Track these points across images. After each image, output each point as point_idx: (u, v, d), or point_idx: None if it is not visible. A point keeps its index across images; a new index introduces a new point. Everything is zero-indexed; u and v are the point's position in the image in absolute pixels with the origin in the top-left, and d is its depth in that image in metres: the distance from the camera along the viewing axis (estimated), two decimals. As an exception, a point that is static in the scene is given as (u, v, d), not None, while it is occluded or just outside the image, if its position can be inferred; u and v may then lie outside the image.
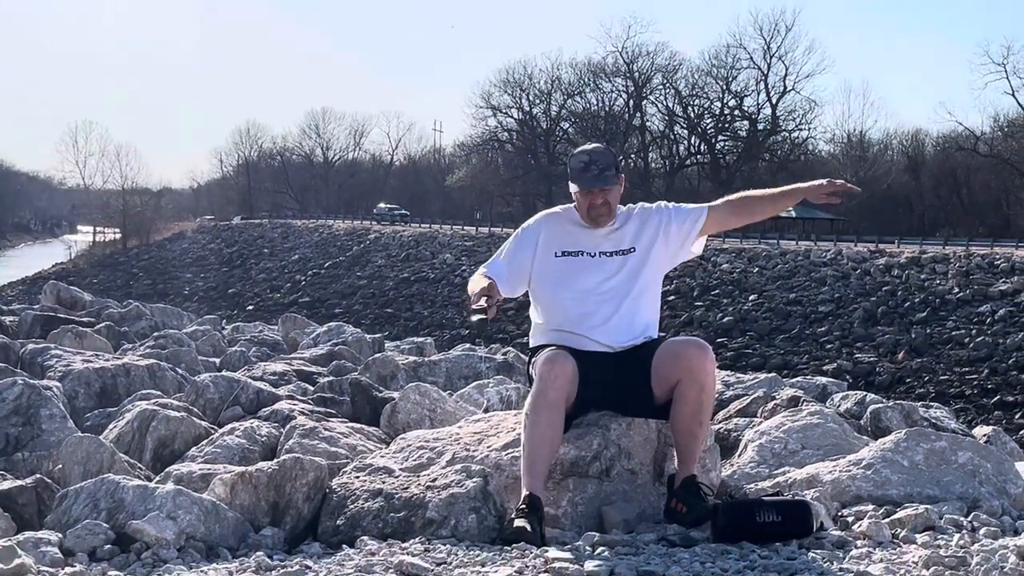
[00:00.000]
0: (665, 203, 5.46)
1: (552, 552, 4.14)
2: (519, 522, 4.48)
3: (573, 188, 5.24)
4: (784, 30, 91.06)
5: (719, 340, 40.78)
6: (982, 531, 4.63)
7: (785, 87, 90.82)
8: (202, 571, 3.96)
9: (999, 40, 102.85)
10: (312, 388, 9.25)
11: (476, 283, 5.04)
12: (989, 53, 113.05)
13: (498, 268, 5.26)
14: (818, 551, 4.35)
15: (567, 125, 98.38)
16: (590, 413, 5.15)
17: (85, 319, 14.82)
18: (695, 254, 5.53)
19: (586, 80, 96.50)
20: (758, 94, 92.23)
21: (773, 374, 10.08)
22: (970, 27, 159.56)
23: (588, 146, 5.32)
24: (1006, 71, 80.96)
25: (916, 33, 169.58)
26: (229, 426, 6.89)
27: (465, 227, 75.49)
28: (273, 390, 8.69)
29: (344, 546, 4.49)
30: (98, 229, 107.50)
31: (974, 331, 38.27)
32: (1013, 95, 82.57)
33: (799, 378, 11.02)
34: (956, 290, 42.56)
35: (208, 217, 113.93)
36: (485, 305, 4.74)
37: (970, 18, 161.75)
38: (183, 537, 4.37)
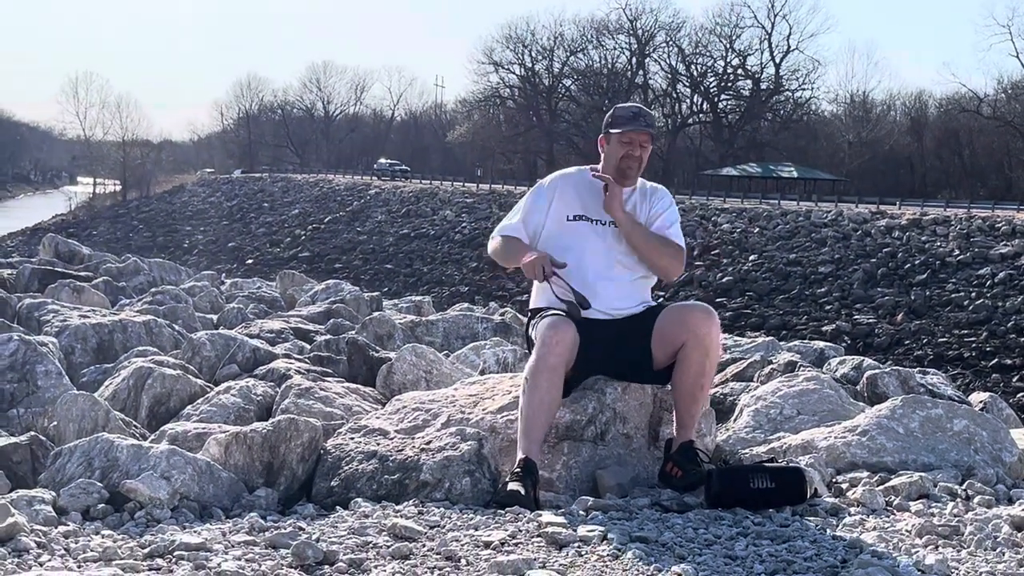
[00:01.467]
0: (668, 202, 5.37)
1: (546, 516, 4.14)
2: (513, 486, 4.48)
3: (611, 135, 5.23)
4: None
5: (718, 300, 40.78)
6: (976, 500, 4.63)
7: (789, 46, 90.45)
8: (195, 531, 3.95)
9: (1004, 2, 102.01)
10: (309, 346, 9.26)
11: (509, 248, 5.20)
12: (994, 15, 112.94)
13: (516, 229, 5.30)
14: (811, 518, 4.35)
15: (569, 82, 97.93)
16: (588, 378, 5.15)
17: (83, 273, 14.81)
18: None
19: (589, 37, 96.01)
20: (761, 53, 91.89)
21: (770, 338, 10.10)
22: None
23: (634, 102, 5.35)
24: (1011, 33, 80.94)
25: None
26: (225, 385, 6.90)
27: (466, 184, 75.31)
28: (270, 348, 8.70)
29: (338, 507, 4.49)
30: (98, 181, 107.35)
31: (974, 294, 38.26)
32: (1017, 57, 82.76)
33: (797, 341, 11.03)
34: (956, 252, 42.51)
35: (208, 170, 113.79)
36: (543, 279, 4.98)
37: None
38: (177, 497, 4.36)
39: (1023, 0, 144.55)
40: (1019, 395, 27.88)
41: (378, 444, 4.89)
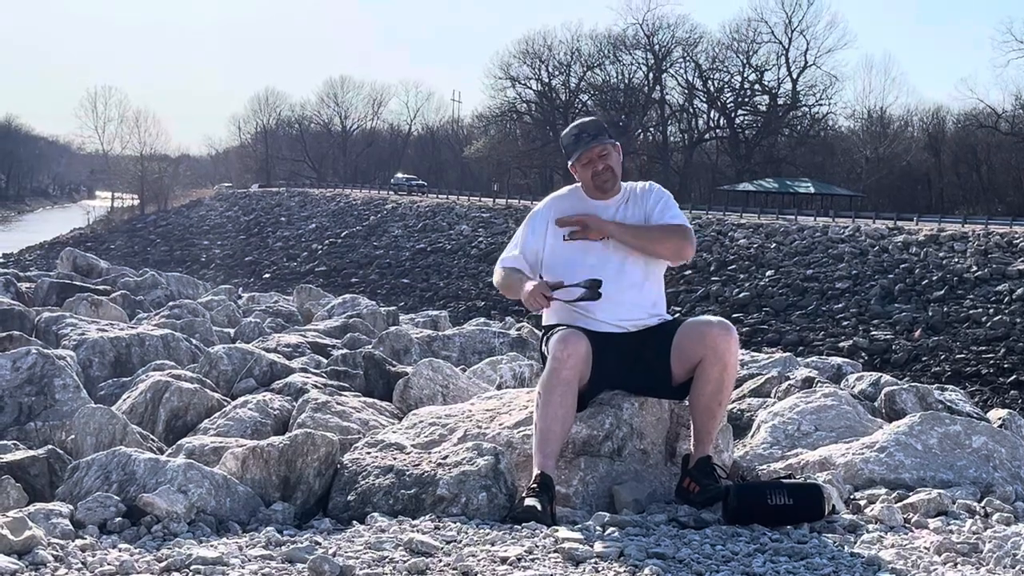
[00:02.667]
0: (660, 193, 5.36)
1: (562, 532, 4.14)
2: (530, 501, 4.48)
3: (572, 164, 5.30)
4: (806, 4, 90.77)
5: (735, 315, 40.66)
6: (995, 517, 4.61)
7: (806, 62, 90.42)
8: (212, 545, 3.96)
9: (1022, 18, 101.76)
10: (326, 361, 9.26)
11: (510, 282, 5.21)
12: (1012, 31, 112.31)
13: (516, 260, 5.32)
14: (829, 535, 4.34)
15: (586, 97, 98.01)
16: (604, 392, 5.14)
17: (101, 287, 14.86)
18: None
19: (606, 52, 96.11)
20: (778, 68, 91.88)
21: (788, 354, 10.05)
22: (993, 4, 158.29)
23: (575, 121, 5.39)
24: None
25: (939, 9, 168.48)
26: (242, 399, 6.90)
27: (482, 198, 75.42)
28: (287, 362, 8.71)
29: (354, 522, 4.49)
30: (116, 195, 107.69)
31: (991, 310, 38.09)
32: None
33: (814, 357, 10.97)
34: (974, 268, 42.35)
35: (226, 184, 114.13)
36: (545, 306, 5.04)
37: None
38: (193, 511, 4.37)
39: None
40: (1037, 412, 27.74)
41: (395, 459, 4.89)
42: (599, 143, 5.24)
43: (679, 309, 40.09)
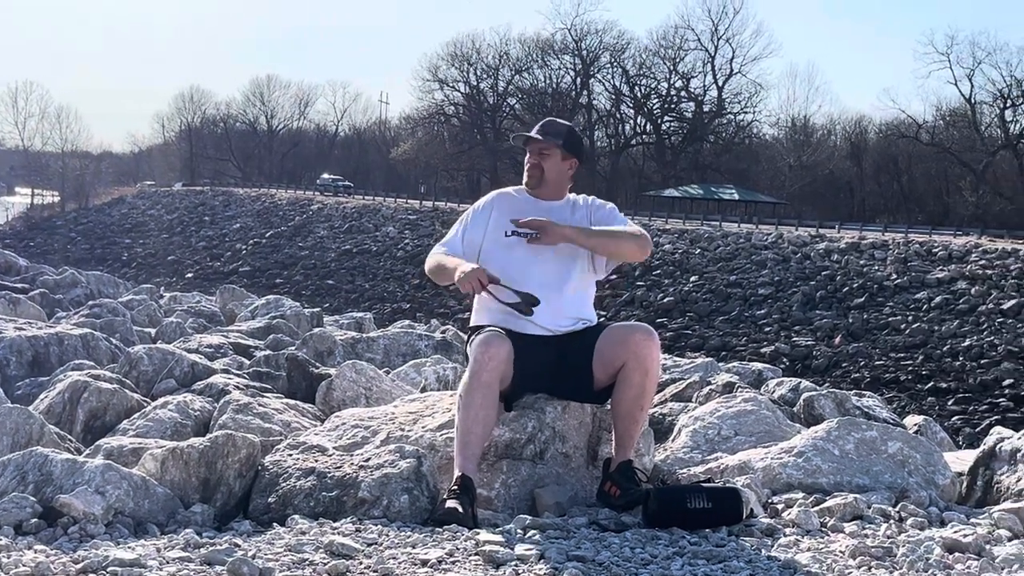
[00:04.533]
0: (604, 205, 5.40)
1: (483, 534, 4.14)
2: (451, 503, 4.48)
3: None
4: (732, 12, 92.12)
5: (659, 320, 41.01)
6: (909, 521, 4.69)
7: (731, 70, 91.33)
8: (130, 547, 3.91)
9: (943, 30, 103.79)
10: (248, 362, 9.20)
11: (445, 264, 5.17)
12: (933, 42, 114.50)
13: (455, 247, 5.30)
14: (747, 538, 4.38)
15: (514, 101, 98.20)
16: (527, 396, 5.16)
17: (19, 285, 14.64)
18: (596, 275, 5.39)
19: (534, 56, 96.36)
20: (705, 76, 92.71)
21: (709, 359, 10.16)
22: (915, 16, 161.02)
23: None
24: (949, 61, 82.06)
25: (862, 20, 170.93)
26: (162, 400, 6.84)
27: (409, 200, 75.30)
28: (208, 363, 8.64)
29: (275, 524, 4.47)
30: (36, 192, 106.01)
31: (910, 317, 38.74)
32: (956, 85, 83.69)
33: (735, 362, 11.11)
34: (894, 276, 43.05)
35: (149, 183, 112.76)
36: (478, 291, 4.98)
37: (915, 7, 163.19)
38: (111, 512, 4.32)
39: (961, 28, 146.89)
40: (954, 418, 28.23)
41: (316, 461, 4.87)
42: (547, 141, 5.29)
43: (604, 313, 40.24)
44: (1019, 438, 5.42)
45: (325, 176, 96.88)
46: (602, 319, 5.40)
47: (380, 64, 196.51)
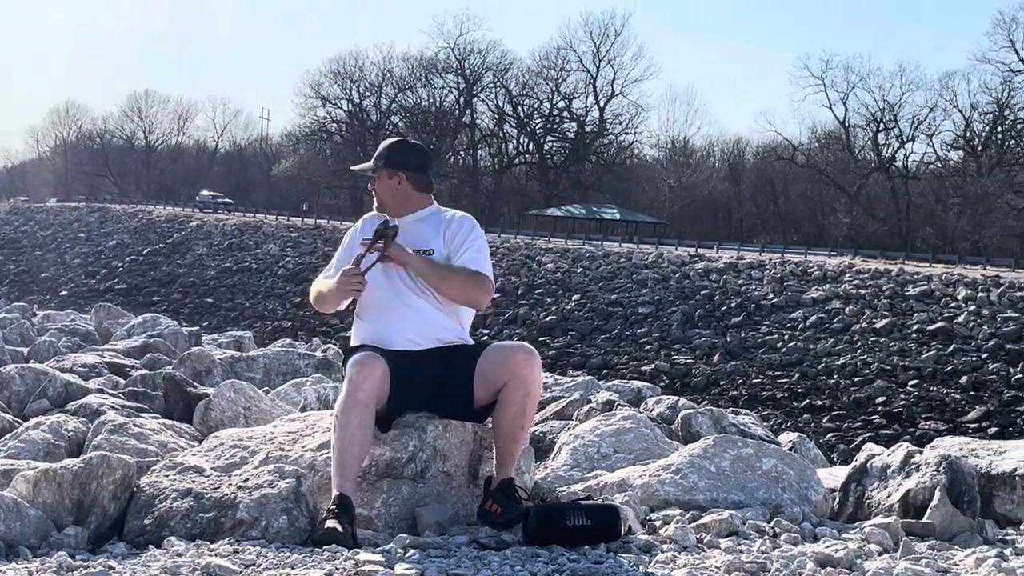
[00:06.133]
0: (469, 229, 5.34)
1: (363, 554, 4.13)
2: (330, 523, 4.46)
3: None
4: (613, 34, 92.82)
5: (541, 339, 41.21)
6: (783, 537, 4.78)
7: (613, 91, 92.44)
8: (1, 571, 3.83)
9: (818, 54, 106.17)
10: (124, 382, 9.04)
11: (321, 289, 5.29)
12: (809, 66, 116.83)
13: (333, 275, 5.32)
14: (625, 555, 4.43)
15: (397, 119, 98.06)
16: (407, 415, 5.15)
17: None
18: None
19: (417, 75, 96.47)
20: (586, 96, 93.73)
21: (590, 377, 10.24)
22: (791, 40, 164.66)
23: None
24: (824, 85, 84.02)
25: (739, 44, 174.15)
26: (35, 420, 6.68)
27: (291, 218, 74.67)
28: (83, 383, 8.46)
29: (151, 546, 4.40)
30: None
31: (786, 336, 39.50)
32: (830, 108, 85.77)
33: (616, 381, 11.22)
34: (771, 296, 43.87)
35: (22, 198, 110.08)
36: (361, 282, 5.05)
37: (791, 31, 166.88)
38: (-20, 536, 4.21)
39: (835, 53, 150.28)
40: (828, 435, 28.81)
41: (193, 482, 4.81)
42: (370, 169, 5.42)
43: (487, 332, 40.38)
44: (889, 454, 5.56)
45: (205, 193, 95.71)
46: (484, 337, 5.44)
47: (262, 80, 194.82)
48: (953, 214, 73.06)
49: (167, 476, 4.93)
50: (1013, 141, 79.39)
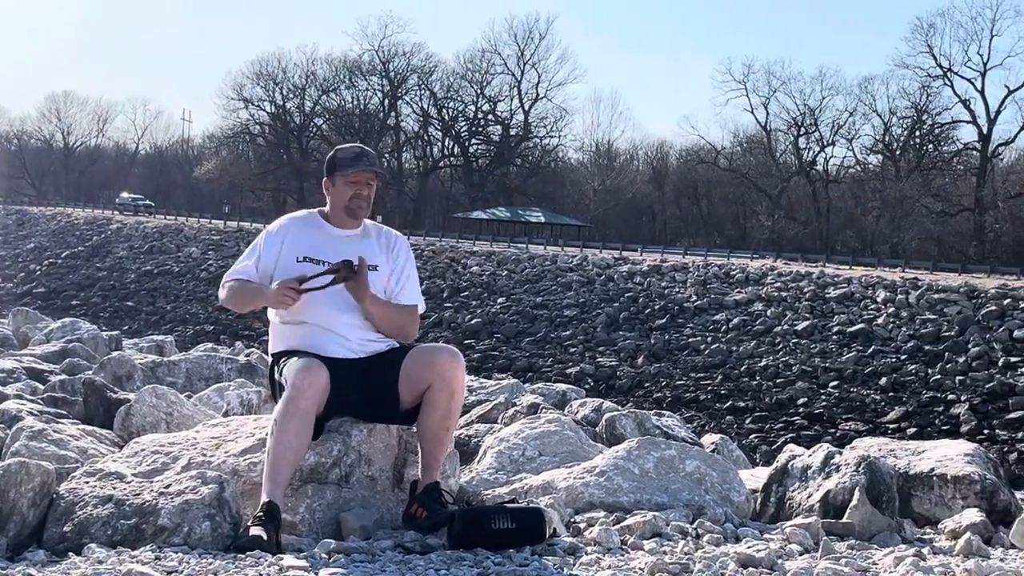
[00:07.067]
0: (406, 255, 5.42)
1: (287, 560, 4.11)
2: (255, 530, 4.43)
3: (340, 178, 5.27)
4: (538, 38, 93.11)
5: (467, 341, 41.21)
6: (706, 538, 4.83)
7: (538, 94, 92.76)
8: (-86, 582, 3.76)
9: (741, 59, 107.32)
10: (43, 387, 8.90)
11: (243, 292, 5.24)
12: (731, 71, 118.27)
13: (247, 272, 5.27)
14: (550, 557, 4.45)
15: (321, 121, 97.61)
16: (333, 419, 5.13)
17: None
18: None
19: (341, 77, 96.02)
20: (511, 100, 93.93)
21: (515, 380, 10.27)
22: (713, 45, 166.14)
23: (355, 144, 5.44)
24: (746, 89, 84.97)
25: (662, 48, 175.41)
26: (-50, 426, 6.56)
27: (213, 220, 74.01)
28: (0, 389, 8.33)
29: (71, 554, 4.34)
30: None
31: (709, 338, 39.84)
32: (752, 112, 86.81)
33: (541, 383, 11.24)
34: (694, 298, 44.22)
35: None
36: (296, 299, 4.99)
37: (713, 36, 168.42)
38: None
39: (757, 58, 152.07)
40: (751, 436, 29.14)
41: (114, 488, 4.75)
42: (375, 171, 5.29)
43: (411, 335, 40.20)
44: (810, 455, 5.64)
45: (125, 195, 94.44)
46: (407, 343, 5.41)
47: (183, 82, 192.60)
48: (872, 217, 74.18)
49: (87, 483, 4.86)
50: (931, 145, 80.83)
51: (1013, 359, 33.36)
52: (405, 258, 5.38)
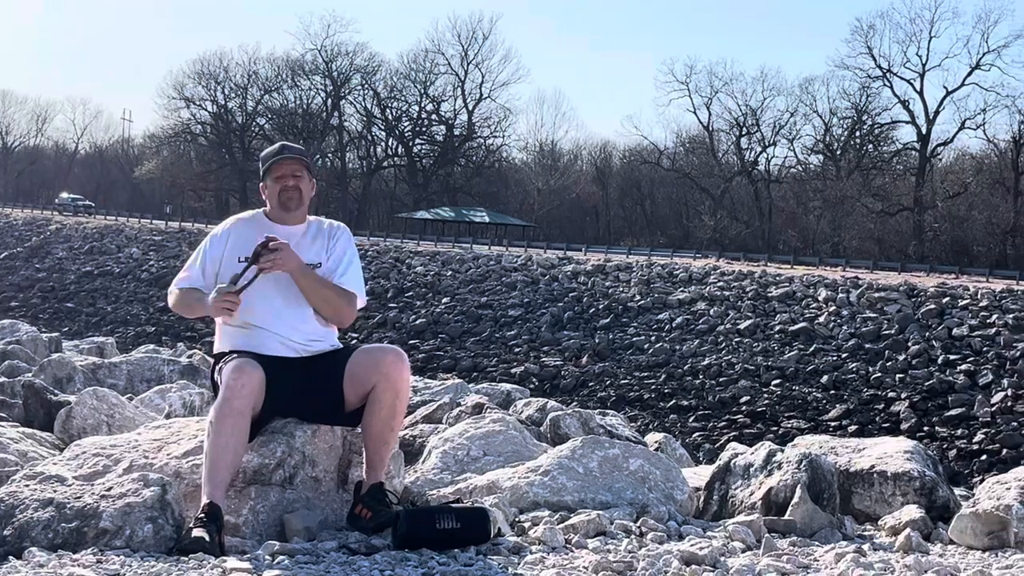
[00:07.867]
0: (346, 243, 5.39)
1: (230, 562, 4.09)
2: (197, 532, 4.40)
3: (268, 176, 5.30)
4: (481, 38, 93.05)
5: (411, 342, 41.16)
6: (649, 536, 4.86)
7: (481, 94, 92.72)
8: None
9: (683, 59, 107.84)
10: (-19, 390, 8.80)
11: (189, 301, 5.18)
12: (673, 71, 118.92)
13: (194, 280, 5.25)
14: (495, 556, 4.46)
15: (263, 121, 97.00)
16: (276, 420, 5.11)
17: None
18: None
19: (284, 76, 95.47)
20: (455, 100, 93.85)
21: (460, 380, 10.27)
22: (656, 45, 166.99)
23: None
24: (689, 90, 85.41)
25: (605, 48, 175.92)
26: None
27: (154, 221, 73.42)
28: (-62, 391, 8.23)
29: (11, 558, 4.29)
30: None
31: (653, 337, 40.02)
32: (695, 113, 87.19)
33: (485, 383, 11.27)
34: (638, 298, 44.42)
35: None
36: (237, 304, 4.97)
37: (656, 36, 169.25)
38: None
39: (700, 58, 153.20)
40: (695, 435, 29.32)
41: (55, 491, 4.70)
42: (296, 158, 5.29)
43: (356, 336, 40.13)
44: (752, 453, 5.69)
45: (64, 195, 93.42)
46: (353, 341, 5.41)
47: (123, 81, 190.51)
48: (814, 217, 74.84)
49: (28, 486, 4.81)
50: (871, 145, 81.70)
51: (952, 357, 33.81)
52: (345, 244, 5.34)
